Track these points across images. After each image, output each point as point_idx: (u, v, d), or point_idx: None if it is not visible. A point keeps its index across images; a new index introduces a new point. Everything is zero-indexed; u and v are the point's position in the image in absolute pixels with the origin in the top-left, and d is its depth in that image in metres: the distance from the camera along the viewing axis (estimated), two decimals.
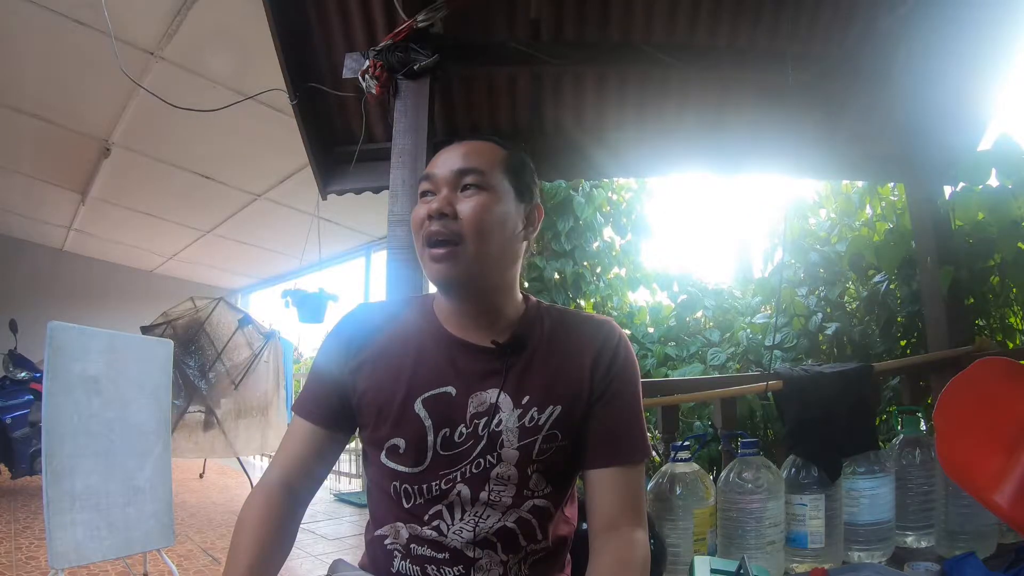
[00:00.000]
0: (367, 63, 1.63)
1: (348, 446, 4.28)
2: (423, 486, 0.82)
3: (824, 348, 2.56)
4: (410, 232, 0.88)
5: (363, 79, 1.63)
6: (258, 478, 0.88)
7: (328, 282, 4.12)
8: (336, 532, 3.56)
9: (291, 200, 4.61)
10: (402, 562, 0.83)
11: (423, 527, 0.82)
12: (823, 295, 2.63)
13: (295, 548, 0.86)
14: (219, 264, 7.04)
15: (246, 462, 4.54)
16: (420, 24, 1.57)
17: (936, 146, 2.07)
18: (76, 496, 1.92)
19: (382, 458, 0.84)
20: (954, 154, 2.01)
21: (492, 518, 0.82)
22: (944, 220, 2.04)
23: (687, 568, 1.03)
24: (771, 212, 3.19)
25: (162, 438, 2.29)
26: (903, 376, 1.87)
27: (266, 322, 4.86)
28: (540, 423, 0.83)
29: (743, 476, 1.34)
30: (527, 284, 3.22)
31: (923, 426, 1.63)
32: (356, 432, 0.90)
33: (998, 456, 1.14)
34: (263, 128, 3.39)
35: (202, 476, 5.24)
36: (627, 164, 2.20)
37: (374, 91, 1.62)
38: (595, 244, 3.48)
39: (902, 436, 1.52)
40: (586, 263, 3.43)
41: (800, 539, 1.36)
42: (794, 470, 1.41)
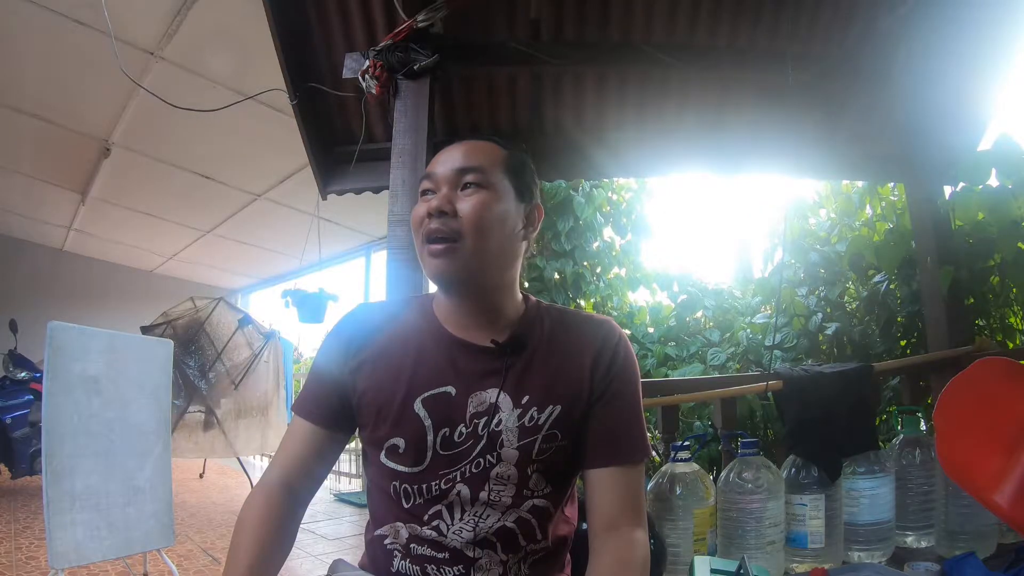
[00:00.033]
0: (367, 63, 1.63)
1: (348, 446, 4.28)
2: (423, 486, 0.83)
3: (824, 348, 2.56)
4: (410, 232, 0.88)
5: (363, 79, 1.63)
6: (258, 478, 0.88)
7: (328, 282, 4.13)
8: (336, 532, 3.56)
9: (291, 200, 4.61)
10: (402, 562, 0.83)
11: (423, 527, 0.82)
12: (823, 295, 2.63)
13: (295, 548, 0.86)
14: (219, 264, 7.04)
15: (246, 462, 4.54)
16: (420, 24, 1.57)
17: (936, 146, 2.07)
18: (76, 496, 1.92)
19: (382, 458, 0.84)
20: (954, 154, 2.01)
21: (492, 518, 0.82)
22: (944, 220, 2.04)
23: (687, 568, 1.03)
24: (771, 212, 3.20)
25: (162, 438, 2.29)
26: (903, 376, 1.87)
27: (266, 322, 4.87)
28: (540, 423, 0.83)
29: (743, 476, 1.34)
30: (527, 284, 3.22)
31: (923, 426, 1.63)
32: (356, 432, 0.90)
33: (998, 456, 1.14)
34: (263, 128, 3.39)
35: (202, 476, 5.24)
36: (627, 164, 2.20)
37: (374, 91, 1.62)
38: (595, 244, 3.48)
39: (902, 436, 1.52)
40: (586, 263, 3.43)
41: (800, 539, 1.36)
42: (794, 470, 1.41)
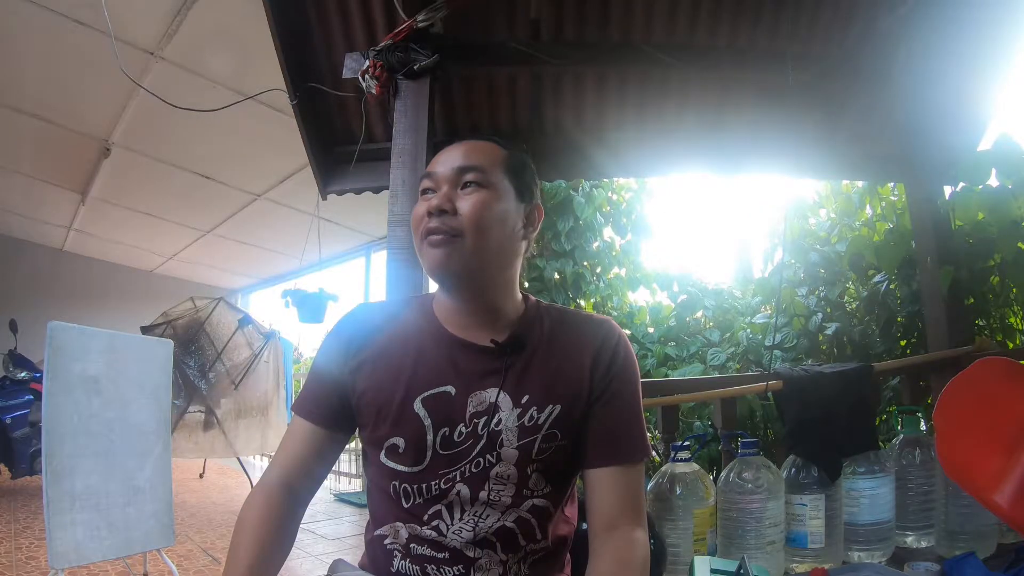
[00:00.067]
0: (367, 63, 1.63)
1: (348, 446, 4.28)
2: (422, 485, 0.82)
3: (824, 348, 2.56)
4: (410, 232, 0.88)
5: (363, 79, 1.63)
6: (258, 478, 0.88)
7: (328, 282, 4.13)
8: (336, 532, 3.56)
9: (291, 200, 4.61)
10: (402, 562, 0.83)
11: (423, 527, 0.82)
12: (823, 295, 2.63)
13: (295, 548, 0.86)
14: (219, 264, 7.04)
15: (246, 462, 4.54)
16: (420, 24, 1.57)
17: (936, 146, 2.07)
18: (76, 496, 1.92)
19: (381, 457, 0.84)
20: (954, 154, 2.01)
21: (491, 518, 0.82)
22: (944, 220, 2.04)
23: (687, 568, 1.03)
24: (771, 212, 3.20)
25: (162, 438, 2.29)
26: (903, 376, 1.87)
27: (266, 322, 4.87)
28: (539, 422, 0.83)
29: (743, 476, 1.34)
30: (527, 284, 3.23)
31: (923, 426, 1.63)
32: (356, 432, 0.90)
33: (998, 456, 1.14)
34: (263, 128, 3.39)
35: (202, 476, 5.24)
36: (627, 164, 2.20)
37: (374, 91, 1.62)
38: (595, 244, 3.48)
39: (902, 436, 1.52)
40: (586, 263, 3.43)
41: (800, 539, 1.36)
42: (794, 470, 1.41)
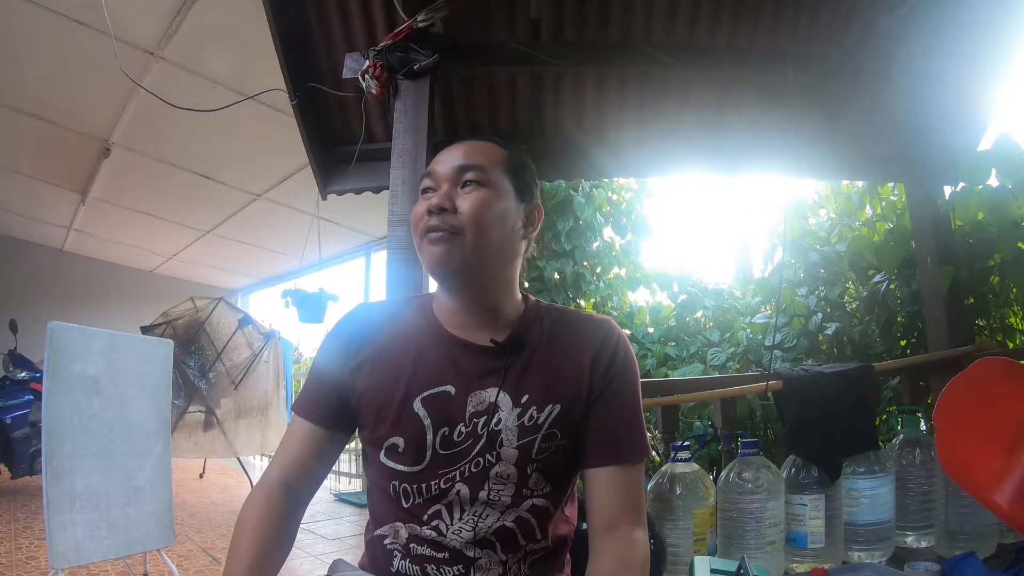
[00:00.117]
0: (367, 63, 1.63)
1: (348, 446, 4.28)
2: (422, 485, 0.83)
3: (824, 348, 2.56)
4: (410, 232, 0.88)
5: (363, 79, 1.63)
6: (258, 478, 0.88)
7: (328, 282, 4.13)
8: (336, 532, 3.56)
9: (291, 200, 4.61)
10: (402, 562, 0.83)
11: (422, 527, 0.82)
12: (823, 295, 2.63)
13: (295, 548, 0.86)
14: (219, 264, 7.04)
15: (246, 462, 4.54)
16: (420, 24, 1.57)
17: (936, 146, 2.07)
18: (76, 496, 1.92)
19: (381, 457, 0.84)
20: (954, 154, 2.01)
21: (491, 517, 0.82)
22: (944, 220, 2.04)
23: (687, 568, 1.03)
24: (771, 212, 3.20)
25: (162, 438, 2.29)
26: (903, 376, 1.87)
27: (266, 322, 4.87)
28: (539, 422, 0.83)
29: (743, 476, 1.34)
30: (527, 284, 3.23)
31: (923, 426, 1.63)
32: (356, 432, 0.90)
33: (998, 456, 1.14)
34: (263, 128, 3.39)
35: (202, 476, 5.24)
36: (627, 164, 2.20)
37: (374, 91, 1.62)
38: (595, 244, 3.48)
39: (902, 436, 1.52)
40: (586, 263, 3.43)
41: (800, 539, 1.36)
42: (794, 470, 1.41)
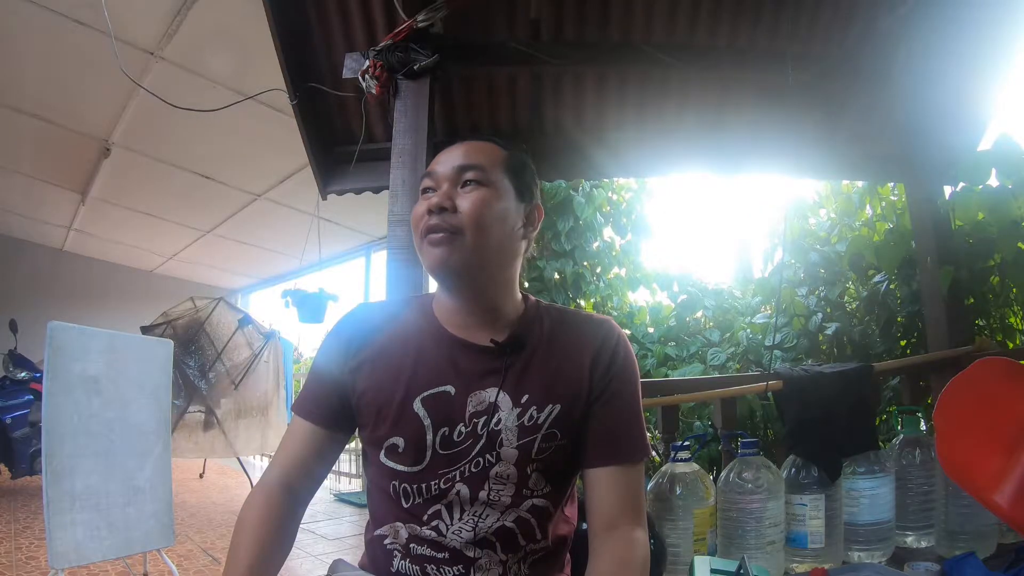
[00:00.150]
0: (367, 63, 1.63)
1: (348, 446, 4.28)
2: (422, 485, 0.83)
3: (824, 348, 2.56)
4: (410, 232, 0.88)
5: (363, 79, 1.63)
6: (258, 478, 0.88)
7: (328, 282, 4.13)
8: (336, 532, 3.56)
9: (291, 200, 4.61)
10: (402, 562, 0.83)
11: (422, 527, 0.82)
12: (823, 295, 2.63)
13: (295, 548, 0.86)
14: (219, 264, 7.04)
15: (246, 462, 4.54)
16: (420, 24, 1.57)
17: (936, 146, 2.07)
18: (76, 496, 1.92)
19: (381, 457, 0.84)
20: (954, 154, 2.01)
21: (491, 518, 0.82)
22: (944, 220, 2.04)
23: (687, 568, 1.03)
24: (771, 212, 3.20)
25: (162, 438, 2.29)
26: (903, 376, 1.87)
27: (266, 322, 4.87)
28: (539, 422, 0.83)
29: (743, 476, 1.34)
30: (527, 284, 3.23)
31: (923, 426, 1.63)
32: (356, 432, 0.90)
33: (998, 456, 1.14)
34: (263, 128, 3.39)
35: (202, 476, 5.24)
36: (627, 164, 2.20)
37: (374, 91, 1.62)
38: (595, 244, 3.48)
39: (902, 436, 1.52)
40: (586, 263, 3.43)
41: (800, 539, 1.36)
42: (794, 470, 1.41)
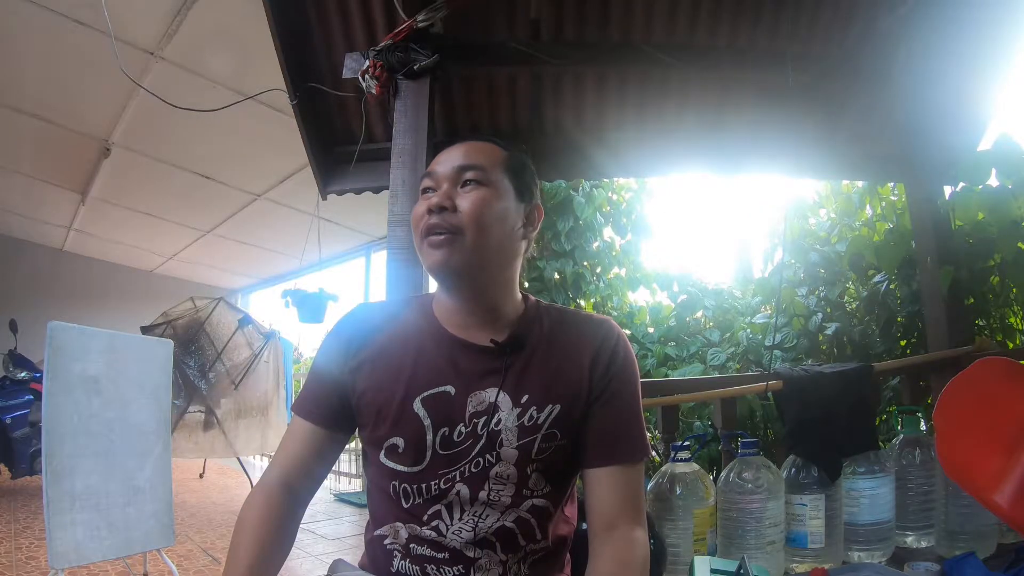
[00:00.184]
0: (367, 63, 1.63)
1: (348, 446, 4.28)
2: (422, 485, 0.83)
3: (824, 348, 2.56)
4: (410, 232, 0.88)
5: (363, 79, 1.63)
6: (258, 478, 0.88)
7: (328, 282, 4.13)
8: (336, 532, 3.56)
9: (291, 200, 4.61)
10: (402, 562, 0.83)
11: (422, 527, 0.82)
12: (823, 295, 2.63)
13: (295, 548, 0.86)
14: (219, 264, 7.04)
15: (246, 462, 4.54)
16: (420, 24, 1.57)
17: (936, 146, 2.07)
18: (76, 496, 1.92)
19: (381, 457, 0.84)
20: (954, 154, 2.01)
21: (491, 518, 0.82)
22: (944, 220, 2.04)
23: (687, 568, 1.03)
24: (771, 212, 3.20)
25: (162, 438, 2.29)
26: (903, 376, 1.87)
27: (266, 322, 4.87)
28: (539, 422, 0.83)
29: (743, 476, 1.34)
30: (527, 284, 3.23)
31: (923, 426, 1.63)
32: (356, 432, 0.90)
33: (998, 456, 1.14)
34: (263, 128, 3.39)
35: (202, 476, 5.24)
36: (627, 164, 2.20)
37: (374, 91, 1.62)
38: (595, 244, 3.48)
39: (902, 436, 1.52)
40: (586, 263, 3.43)
41: (800, 539, 1.36)
42: (794, 470, 1.41)
